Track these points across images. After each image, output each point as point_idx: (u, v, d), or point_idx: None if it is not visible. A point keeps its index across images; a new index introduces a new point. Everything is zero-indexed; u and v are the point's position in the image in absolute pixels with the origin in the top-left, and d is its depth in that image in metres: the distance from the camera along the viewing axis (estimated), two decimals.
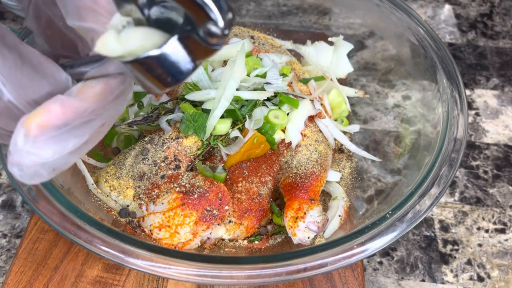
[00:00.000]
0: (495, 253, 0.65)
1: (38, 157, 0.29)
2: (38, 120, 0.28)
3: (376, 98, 0.73)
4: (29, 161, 0.29)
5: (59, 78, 0.31)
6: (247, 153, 0.56)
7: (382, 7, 0.69)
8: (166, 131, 0.57)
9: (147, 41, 0.29)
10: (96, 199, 0.55)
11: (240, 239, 0.56)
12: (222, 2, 0.27)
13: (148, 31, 0.29)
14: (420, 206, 0.49)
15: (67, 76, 0.31)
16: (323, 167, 0.59)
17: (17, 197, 0.68)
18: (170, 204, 0.52)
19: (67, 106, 0.29)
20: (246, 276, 0.44)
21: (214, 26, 0.27)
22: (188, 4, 0.27)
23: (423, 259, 0.64)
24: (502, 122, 0.80)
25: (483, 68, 0.88)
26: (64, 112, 0.29)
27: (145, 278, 0.56)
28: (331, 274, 0.56)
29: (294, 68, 0.67)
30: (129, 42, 0.29)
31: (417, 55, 0.65)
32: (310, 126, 0.61)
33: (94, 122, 0.31)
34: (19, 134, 0.28)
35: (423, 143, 0.60)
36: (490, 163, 0.75)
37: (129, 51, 0.29)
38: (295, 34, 0.81)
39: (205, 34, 0.27)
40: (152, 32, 0.29)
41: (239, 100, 0.58)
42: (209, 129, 0.56)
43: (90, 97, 0.30)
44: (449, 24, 0.96)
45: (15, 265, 0.56)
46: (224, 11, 0.27)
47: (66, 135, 0.29)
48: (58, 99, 0.29)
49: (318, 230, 0.52)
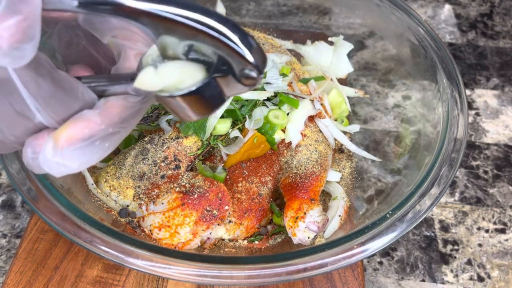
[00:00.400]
0: (495, 253, 0.65)
1: (66, 168, 0.32)
2: (66, 134, 0.31)
3: (376, 98, 0.73)
4: (57, 171, 0.32)
5: (88, 98, 0.33)
6: (247, 153, 0.56)
7: (382, 7, 0.69)
8: (166, 131, 0.57)
9: (184, 76, 0.30)
10: (96, 199, 0.55)
11: (240, 239, 0.56)
12: (254, 43, 0.29)
13: (184, 65, 0.31)
14: (420, 206, 0.49)
15: (94, 96, 0.33)
16: (323, 167, 0.58)
17: (17, 197, 0.68)
18: (170, 204, 0.52)
19: (92, 122, 0.32)
20: (246, 276, 0.44)
21: (251, 71, 0.29)
22: (226, 50, 0.29)
23: (423, 259, 0.64)
24: (502, 122, 0.80)
25: (483, 68, 0.88)
26: (89, 127, 0.31)
27: (145, 278, 0.56)
28: (331, 274, 0.56)
29: (294, 68, 0.67)
30: (168, 77, 0.30)
31: (417, 55, 0.65)
32: (310, 126, 0.61)
33: (117, 135, 0.33)
34: (48, 146, 0.31)
35: (423, 143, 0.60)
36: (490, 163, 0.75)
37: (168, 85, 0.30)
38: (295, 34, 0.81)
39: (242, 77, 0.29)
40: (188, 66, 0.30)
41: (239, 100, 0.58)
42: (209, 129, 0.56)
43: (113, 113, 0.32)
44: (449, 24, 0.96)
45: (15, 265, 0.56)
46: (260, 55, 0.29)
47: (92, 147, 0.32)
48: (84, 114, 0.32)
49: (318, 230, 0.52)
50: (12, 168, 0.49)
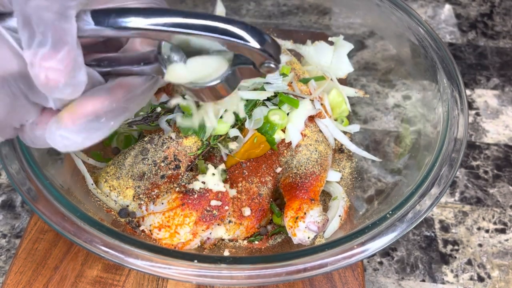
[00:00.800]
0: (496, 253, 0.65)
1: (69, 141, 0.33)
2: (71, 108, 0.33)
3: (376, 98, 0.73)
4: (61, 144, 0.34)
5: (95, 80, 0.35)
6: (247, 153, 0.56)
7: (382, 7, 0.69)
8: (166, 131, 0.57)
9: (211, 69, 0.34)
10: (96, 199, 0.55)
11: (240, 239, 0.56)
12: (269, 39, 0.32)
13: (210, 59, 0.34)
14: (421, 206, 0.49)
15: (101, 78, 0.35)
16: (323, 167, 0.58)
17: (17, 197, 0.68)
18: (170, 204, 0.52)
19: (98, 98, 0.33)
20: (246, 276, 0.44)
21: (270, 63, 0.33)
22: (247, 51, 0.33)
23: (423, 259, 0.64)
24: (502, 122, 0.80)
25: (483, 68, 0.88)
26: (94, 103, 0.33)
27: (145, 278, 0.56)
28: (331, 274, 0.56)
29: (294, 68, 0.67)
30: (197, 72, 0.34)
31: (417, 55, 0.65)
32: (310, 126, 0.61)
33: (122, 115, 0.35)
34: (53, 120, 0.33)
35: (423, 143, 0.60)
36: (490, 163, 0.75)
37: (196, 78, 0.34)
38: (295, 34, 0.81)
39: (262, 68, 0.34)
40: (213, 60, 0.34)
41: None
42: (209, 129, 0.56)
43: (120, 91, 0.34)
44: (449, 24, 0.96)
45: (14, 265, 0.56)
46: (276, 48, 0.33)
47: (96, 123, 0.33)
48: (91, 91, 0.33)
49: (318, 230, 0.52)
50: (12, 168, 0.49)
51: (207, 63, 0.34)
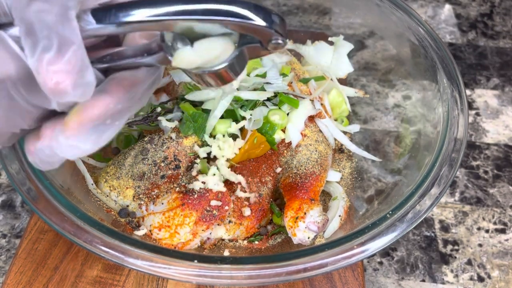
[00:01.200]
0: (496, 253, 0.65)
1: (79, 150, 0.33)
2: (76, 117, 0.32)
3: (376, 98, 0.73)
4: (71, 154, 0.33)
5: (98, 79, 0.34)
6: (247, 153, 0.56)
7: (382, 7, 0.69)
8: (166, 131, 0.57)
9: (218, 51, 0.33)
10: (96, 199, 0.55)
11: (240, 239, 0.56)
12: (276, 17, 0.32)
13: (217, 41, 0.33)
14: (421, 206, 0.49)
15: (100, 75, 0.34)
16: (323, 167, 0.58)
17: (17, 197, 0.68)
18: (170, 204, 0.52)
19: (101, 101, 0.32)
20: (246, 276, 0.44)
21: (278, 40, 0.32)
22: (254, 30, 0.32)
23: (423, 259, 0.64)
24: (502, 122, 0.80)
25: (483, 68, 0.88)
26: (99, 107, 0.32)
27: (145, 278, 0.56)
28: (331, 274, 0.56)
29: (294, 68, 0.67)
30: (205, 55, 0.33)
31: (417, 55, 0.65)
32: (310, 126, 0.61)
33: (127, 113, 0.34)
34: (60, 132, 0.32)
35: (423, 143, 0.60)
36: (490, 163, 0.75)
37: (205, 61, 0.33)
38: (295, 34, 0.81)
39: (270, 45, 0.33)
40: (220, 41, 0.33)
41: (239, 100, 0.58)
42: (209, 129, 0.56)
43: (121, 89, 0.33)
44: (449, 24, 0.96)
45: (14, 265, 0.56)
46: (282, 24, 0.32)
47: (103, 126, 0.33)
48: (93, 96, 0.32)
49: (318, 230, 0.52)
50: (12, 168, 0.49)
51: (214, 45, 0.33)
